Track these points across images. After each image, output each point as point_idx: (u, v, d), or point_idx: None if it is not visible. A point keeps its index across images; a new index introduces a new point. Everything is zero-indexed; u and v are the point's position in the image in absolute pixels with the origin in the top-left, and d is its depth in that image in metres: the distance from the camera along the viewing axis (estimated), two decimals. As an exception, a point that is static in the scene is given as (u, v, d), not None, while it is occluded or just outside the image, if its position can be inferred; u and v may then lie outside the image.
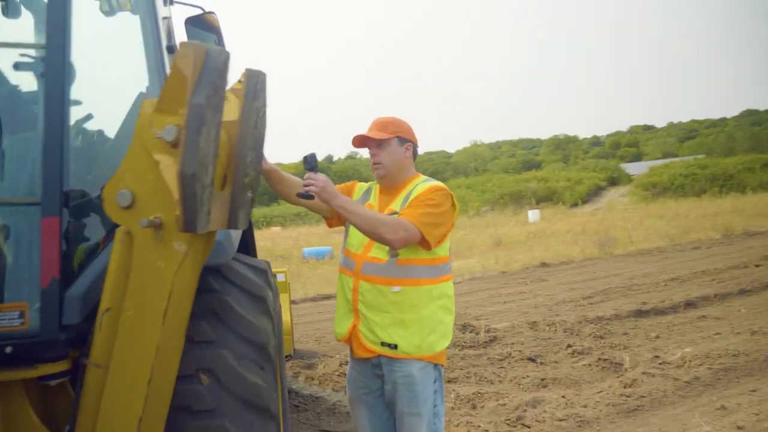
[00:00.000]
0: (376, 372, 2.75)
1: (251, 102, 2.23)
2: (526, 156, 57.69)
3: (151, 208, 2.06)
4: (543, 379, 5.74)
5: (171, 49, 3.01)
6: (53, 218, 2.26)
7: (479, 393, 5.35)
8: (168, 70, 2.91)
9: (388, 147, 2.73)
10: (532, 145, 62.96)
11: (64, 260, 2.29)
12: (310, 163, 2.54)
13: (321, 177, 2.53)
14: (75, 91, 3.71)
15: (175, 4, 3.90)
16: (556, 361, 6.40)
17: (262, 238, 26.78)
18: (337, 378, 6.04)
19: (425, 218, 2.58)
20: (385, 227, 2.52)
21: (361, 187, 2.93)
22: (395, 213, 2.68)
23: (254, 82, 2.25)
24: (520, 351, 6.72)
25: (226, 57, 1.98)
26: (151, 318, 2.11)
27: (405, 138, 2.76)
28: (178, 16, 3.84)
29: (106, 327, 2.17)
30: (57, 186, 2.28)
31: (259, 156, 2.35)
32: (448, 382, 5.85)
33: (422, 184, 2.73)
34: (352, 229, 2.77)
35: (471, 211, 35.22)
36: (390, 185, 2.80)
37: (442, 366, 2.78)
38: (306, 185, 2.53)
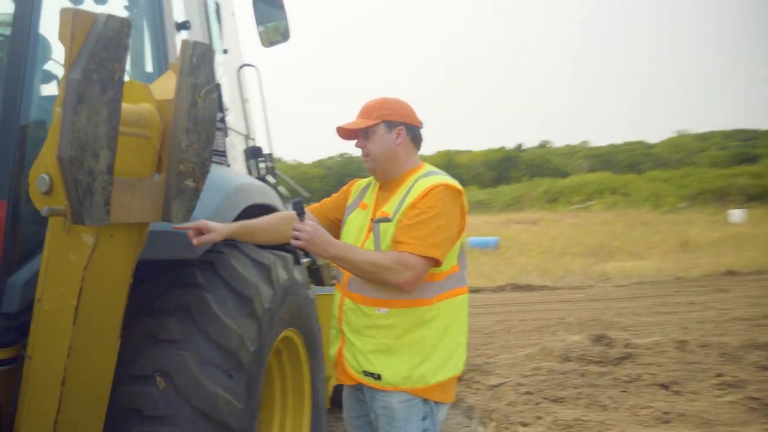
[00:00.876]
0: (359, 396, 2.38)
1: (186, 78, 1.96)
2: (741, 148, 50.88)
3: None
4: (667, 413, 4.84)
5: (183, 25, 2.84)
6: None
7: (581, 420, 4.64)
8: (172, 49, 2.74)
9: (374, 135, 2.30)
10: (749, 136, 55.36)
11: (10, 246, 2.20)
12: (296, 210, 2.20)
13: (307, 227, 2.15)
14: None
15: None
16: (694, 392, 5.39)
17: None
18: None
19: (428, 239, 2.14)
20: (389, 273, 2.13)
21: (359, 185, 2.51)
22: (388, 219, 2.25)
23: (189, 56, 1.97)
24: (654, 374, 5.78)
25: (118, 25, 1.70)
26: (64, 314, 1.95)
27: (394, 121, 2.29)
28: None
29: (36, 319, 2.05)
30: (7, 168, 2.19)
31: (204, 142, 2.06)
32: (553, 401, 5.19)
33: (422, 180, 2.26)
34: (344, 234, 2.40)
35: (665, 207, 32.07)
36: (386, 179, 2.36)
37: (440, 402, 2.30)
38: (293, 237, 2.19)
